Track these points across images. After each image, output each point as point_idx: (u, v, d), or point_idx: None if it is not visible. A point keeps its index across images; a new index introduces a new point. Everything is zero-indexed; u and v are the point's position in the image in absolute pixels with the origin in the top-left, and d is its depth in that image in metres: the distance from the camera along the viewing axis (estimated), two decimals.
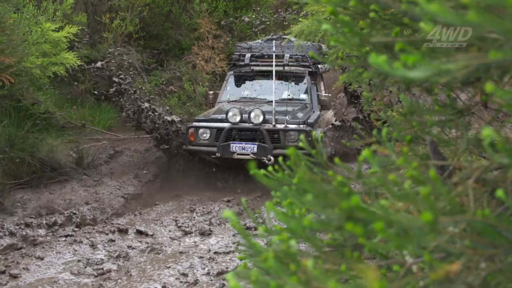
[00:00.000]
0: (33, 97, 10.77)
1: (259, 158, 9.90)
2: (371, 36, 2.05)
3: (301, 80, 12.07)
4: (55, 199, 9.59)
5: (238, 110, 10.38)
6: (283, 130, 10.20)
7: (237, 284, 1.57)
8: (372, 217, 1.25)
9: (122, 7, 14.32)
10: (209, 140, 10.54)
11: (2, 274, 6.39)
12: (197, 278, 5.99)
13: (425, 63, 1.43)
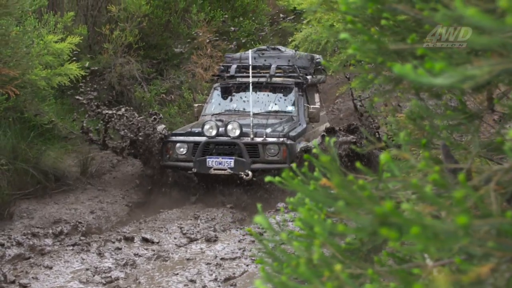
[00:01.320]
0: (37, 109, 10.76)
1: (237, 173, 9.56)
2: (389, 43, 2.05)
3: (289, 92, 11.57)
4: (60, 208, 9.58)
5: (214, 123, 9.97)
6: (261, 143, 9.77)
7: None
8: (406, 222, 1.26)
9: (121, 18, 14.32)
10: (186, 155, 10.13)
11: (12, 283, 6.38)
12: (205, 284, 5.99)
13: (450, 70, 1.44)
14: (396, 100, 4.83)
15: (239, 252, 6.80)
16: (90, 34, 14.17)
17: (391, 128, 3.23)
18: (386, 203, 1.24)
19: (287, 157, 9.62)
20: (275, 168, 9.53)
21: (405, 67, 1.44)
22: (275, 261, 2.46)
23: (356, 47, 1.94)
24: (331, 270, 1.40)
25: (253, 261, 6.57)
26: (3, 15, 7.73)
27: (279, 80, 11.58)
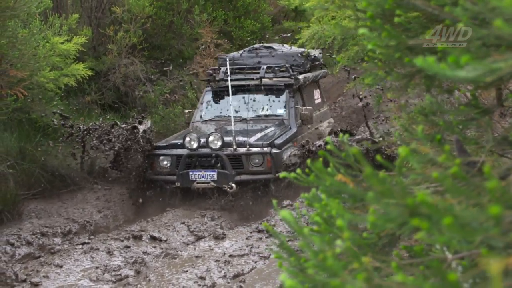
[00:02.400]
0: (43, 109, 10.77)
1: (220, 186, 9.14)
2: (408, 39, 2.05)
3: (279, 94, 10.97)
4: (68, 208, 9.58)
5: (194, 135, 9.49)
6: (245, 154, 9.31)
7: (294, 283, 1.57)
8: (438, 213, 1.26)
9: (125, 19, 14.33)
10: (170, 168, 9.72)
11: (24, 282, 6.39)
12: (215, 281, 6.00)
13: (476, 63, 1.43)
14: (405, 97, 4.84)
15: (247, 249, 6.81)
16: (94, 36, 14.16)
17: (402, 124, 3.22)
18: (418, 194, 1.23)
19: (272, 167, 9.20)
20: (260, 179, 9.25)
21: (428, 60, 1.44)
22: (291, 256, 2.47)
23: (375, 42, 1.94)
24: (360, 262, 1.39)
25: (261, 257, 6.57)
26: (10, 17, 7.72)
27: (270, 82, 10.96)
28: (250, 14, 16.26)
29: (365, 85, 4.58)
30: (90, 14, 14.66)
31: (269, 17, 17.32)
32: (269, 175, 9.17)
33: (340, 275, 1.48)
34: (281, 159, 9.40)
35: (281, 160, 9.40)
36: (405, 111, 3.10)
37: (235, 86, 10.63)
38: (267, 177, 9.18)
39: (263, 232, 7.34)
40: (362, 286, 1.42)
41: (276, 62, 11.44)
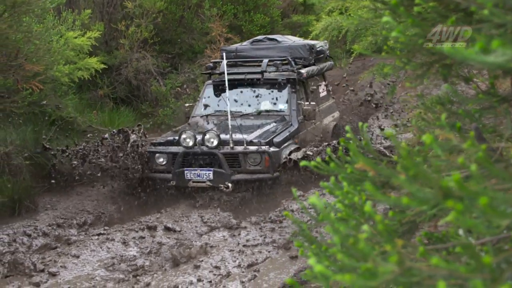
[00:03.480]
0: (58, 103, 10.80)
1: (216, 186, 8.81)
2: (432, 26, 2.04)
3: (281, 88, 10.50)
4: (83, 200, 9.62)
5: (191, 133, 9.15)
6: (242, 152, 8.93)
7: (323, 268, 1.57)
8: (472, 194, 1.25)
9: (136, 14, 14.34)
10: (166, 165, 9.40)
11: (42, 272, 6.42)
12: (229, 270, 6.01)
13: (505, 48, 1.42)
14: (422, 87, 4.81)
15: (260, 239, 6.82)
16: (106, 31, 14.18)
17: (419, 113, 3.22)
18: (453, 176, 1.23)
19: (270, 166, 8.85)
20: (258, 178, 8.91)
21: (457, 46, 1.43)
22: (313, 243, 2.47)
23: (399, 29, 1.93)
24: (394, 245, 1.39)
25: (274, 247, 6.58)
26: (25, 12, 7.73)
27: (271, 76, 10.51)
28: (260, 8, 16.24)
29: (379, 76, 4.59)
30: (102, 9, 14.69)
31: (279, 10, 17.29)
32: (267, 174, 8.88)
33: (372, 258, 1.48)
34: (280, 158, 9.08)
35: (280, 159, 9.07)
36: (422, 101, 3.09)
37: (236, 80, 10.43)
38: (265, 177, 8.88)
39: (276, 223, 7.35)
40: (394, 268, 1.41)
41: (279, 54, 10.97)
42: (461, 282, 1.49)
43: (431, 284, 1.54)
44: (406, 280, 1.52)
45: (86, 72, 10.72)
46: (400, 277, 1.50)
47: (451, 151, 2.22)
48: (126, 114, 14.09)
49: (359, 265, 1.53)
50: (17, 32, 8.02)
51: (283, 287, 5.48)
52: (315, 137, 10.68)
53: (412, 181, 1.38)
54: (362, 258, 1.56)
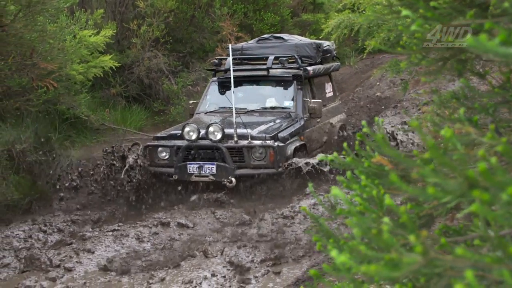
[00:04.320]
0: (71, 101, 10.84)
1: (219, 180, 8.57)
2: (452, 20, 2.03)
3: (287, 85, 10.27)
4: (96, 196, 9.64)
5: (194, 126, 8.90)
6: (246, 146, 8.66)
7: (346, 259, 1.56)
8: (499, 185, 1.24)
9: (148, 13, 14.38)
10: (168, 159, 9.12)
11: (57, 267, 6.44)
12: (243, 265, 6.00)
13: None
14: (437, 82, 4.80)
15: (272, 235, 6.81)
16: (118, 30, 14.21)
17: (432, 109, 3.21)
18: (479, 165, 1.22)
19: (275, 161, 8.58)
20: (262, 173, 8.66)
21: (480, 38, 1.42)
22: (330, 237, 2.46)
23: (419, 23, 1.92)
24: (418, 236, 1.38)
25: (287, 243, 6.57)
26: (40, 11, 7.75)
27: (277, 73, 10.27)
28: (270, 7, 16.24)
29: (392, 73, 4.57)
30: (114, 9, 14.73)
31: (289, 10, 17.28)
32: (271, 169, 8.63)
33: (396, 249, 1.47)
34: (285, 153, 8.85)
35: (285, 154, 8.84)
36: (437, 95, 3.08)
37: (241, 77, 10.16)
38: (269, 172, 8.64)
39: (288, 218, 7.34)
40: (419, 259, 1.41)
41: (285, 52, 10.69)
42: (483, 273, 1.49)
43: (452, 275, 1.54)
44: (428, 271, 1.52)
45: (100, 70, 10.75)
46: (423, 268, 1.50)
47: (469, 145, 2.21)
48: (138, 112, 14.14)
49: (383, 256, 1.53)
50: (32, 31, 8.04)
51: (296, 281, 5.48)
52: (321, 136, 10.51)
53: (437, 172, 1.37)
54: (385, 249, 1.55)
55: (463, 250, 1.26)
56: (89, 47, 10.34)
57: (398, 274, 1.43)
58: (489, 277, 1.47)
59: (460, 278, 1.53)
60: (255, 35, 15.00)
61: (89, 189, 9.25)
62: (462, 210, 2.37)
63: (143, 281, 5.84)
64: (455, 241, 2.11)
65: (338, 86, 17.75)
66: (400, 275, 1.44)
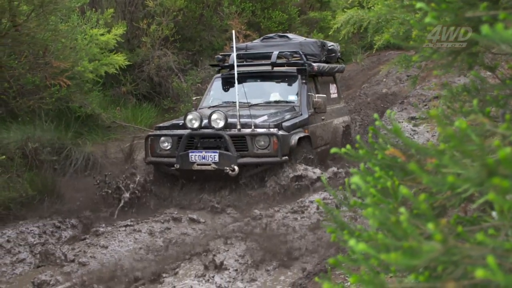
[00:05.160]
0: (83, 100, 10.87)
1: (222, 168, 8.37)
2: (465, 12, 2.02)
3: (291, 81, 10.12)
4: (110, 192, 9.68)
5: (197, 114, 8.78)
6: (249, 134, 8.48)
7: (366, 247, 1.56)
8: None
9: (157, 12, 14.40)
10: (170, 150, 8.91)
11: (72, 262, 6.46)
12: (254, 259, 6.01)
13: None
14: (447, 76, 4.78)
15: (283, 229, 6.81)
16: (128, 29, 14.24)
17: (444, 101, 3.20)
18: (501, 151, 1.21)
19: (279, 149, 8.36)
20: (266, 162, 8.49)
21: (496, 28, 1.41)
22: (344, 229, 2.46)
23: (434, 15, 1.91)
24: (437, 224, 1.38)
25: (297, 237, 6.57)
26: (52, 11, 7.77)
27: (282, 69, 10.13)
28: (278, 6, 16.23)
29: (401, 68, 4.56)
30: (124, 8, 14.76)
31: (296, 8, 17.26)
32: (275, 158, 8.42)
33: (415, 237, 1.47)
34: (289, 143, 8.67)
35: (289, 143, 8.66)
36: (448, 88, 3.07)
37: (245, 73, 9.90)
38: (272, 161, 8.45)
39: (298, 213, 7.33)
40: (438, 247, 1.41)
41: (290, 50, 10.46)
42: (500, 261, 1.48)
43: (469, 263, 1.53)
44: (446, 259, 1.51)
45: (112, 67, 10.77)
46: (441, 256, 1.49)
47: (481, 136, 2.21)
48: (148, 110, 14.17)
49: (401, 244, 1.52)
50: (44, 31, 8.06)
51: (307, 275, 5.47)
52: (326, 134, 10.37)
53: (457, 161, 1.37)
54: (404, 238, 1.55)
55: (483, 236, 1.25)
56: (100, 45, 10.35)
57: (417, 262, 1.43)
58: (505, 265, 1.47)
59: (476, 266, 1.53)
60: (263, 33, 15.00)
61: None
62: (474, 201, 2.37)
63: (156, 275, 5.85)
64: (470, 230, 2.10)
65: (345, 83, 17.77)
66: (419, 263, 1.44)
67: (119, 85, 14.09)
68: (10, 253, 6.89)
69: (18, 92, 8.61)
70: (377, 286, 1.62)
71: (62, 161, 9.99)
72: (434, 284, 1.62)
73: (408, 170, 2.55)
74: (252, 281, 5.59)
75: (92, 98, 11.40)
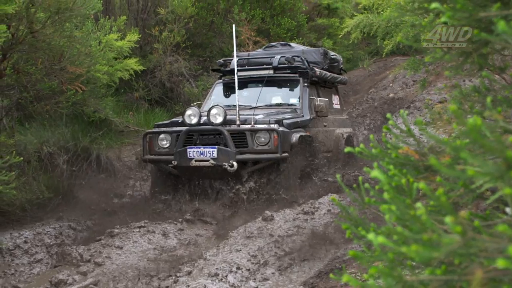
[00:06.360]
0: (97, 105, 10.91)
1: (220, 164, 8.10)
2: (480, 11, 2.02)
3: (294, 85, 9.89)
4: (120, 195, 9.74)
5: (196, 109, 8.52)
6: (249, 130, 8.23)
7: (385, 240, 1.56)
8: None
9: (169, 20, 14.44)
10: (169, 148, 8.67)
11: (88, 262, 6.48)
12: (266, 259, 6.01)
13: None
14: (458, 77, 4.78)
15: (294, 230, 6.81)
16: (141, 36, 14.29)
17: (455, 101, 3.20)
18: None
19: (279, 146, 8.10)
20: (265, 158, 8.23)
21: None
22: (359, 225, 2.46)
23: (449, 14, 1.91)
24: (456, 216, 1.38)
25: (308, 238, 6.56)
26: (68, 18, 7.81)
27: (283, 73, 9.95)
28: (287, 13, 16.24)
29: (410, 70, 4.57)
30: (137, 15, 14.81)
31: (305, 16, 17.27)
32: (275, 154, 8.14)
33: (434, 230, 1.47)
34: (290, 140, 8.41)
35: (290, 140, 8.41)
36: (459, 89, 3.07)
37: (247, 78, 9.83)
38: (272, 157, 8.16)
39: (309, 214, 7.33)
40: (458, 239, 1.41)
41: (292, 55, 10.17)
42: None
43: (486, 256, 1.53)
44: (464, 252, 1.51)
45: (126, 73, 10.81)
46: (458, 249, 1.49)
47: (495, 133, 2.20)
48: (160, 114, 14.20)
49: (420, 237, 1.52)
50: (60, 37, 8.10)
51: (318, 274, 5.46)
52: (327, 141, 10.15)
53: (476, 155, 1.37)
54: (422, 231, 1.55)
55: (505, 227, 1.25)
56: (115, 51, 10.40)
57: (438, 254, 1.43)
58: None
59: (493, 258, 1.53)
60: (272, 40, 15.02)
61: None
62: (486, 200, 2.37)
63: (171, 275, 5.86)
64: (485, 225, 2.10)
65: (353, 88, 17.78)
66: (439, 255, 1.44)
67: (132, 91, 14.14)
68: (28, 253, 6.94)
69: (35, 97, 8.66)
70: (395, 278, 1.62)
71: (78, 164, 10.03)
72: (451, 277, 1.62)
73: (421, 169, 2.56)
74: (264, 280, 5.59)
75: (106, 104, 11.42)
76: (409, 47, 15.87)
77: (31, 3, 7.64)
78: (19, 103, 8.95)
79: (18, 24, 7.70)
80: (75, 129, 10.57)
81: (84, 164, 10.23)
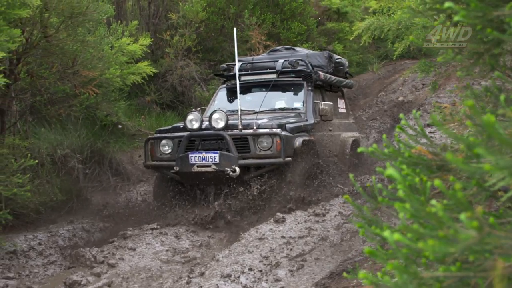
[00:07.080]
0: (109, 108, 10.96)
1: (222, 169, 7.91)
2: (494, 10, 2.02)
3: (298, 90, 9.72)
4: (132, 197, 9.77)
5: (197, 114, 8.33)
6: (252, 135, 8.04)
7: (401, 237, 1.56)
8: None
9: (180, 24, 14.47)
10: (171, 153, 8.45)
11: (102, 263, 6.50)
12: (278, 260, 6.00)
13: None
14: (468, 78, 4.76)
15: (305, 231, 6.80)
16: (152, 40, 14.33)
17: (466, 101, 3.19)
18: None
19: (282, 150, 7.93)
20: (268, 163, 8.04)
21: None
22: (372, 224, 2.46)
23: (464, 13, 1.91)
24: (472, 212, 1.38)
25: (319, 239, 6.56)
26: (81, 22, 7.86)
27: (287, 77, 9.79)
28: (297, 17, 16.23)
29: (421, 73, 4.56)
30: (148, 20, 14.86)
31: (315, 20, 17.25)
32: (277, 159, 7.96)
33: (451, 226, 1.47)
34: (293, 144, 8.23)
35: (293, 145, 8.23)
36: (470, 89, 3.06)
37: (250, 83, 9.77)
38: (275, 162, 7.98)
39: (320, 216, 7.32)
40: (474, 234, 1.40)
41: (296, 58, 10.02)
42: None
43: (501, 253, 1.53)
44: (479, 248, 1.51)
45: (138, 76, 10.86)
46: (474, 245, 1.49)
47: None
48: (172, 118, 14.22)
49: (437, 233, 1.52)
50: (73, 41, 8.15)
51: (330, 275, 5.46)
52: (332, 145, 9.91)
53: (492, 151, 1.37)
54: (439, 227, 1.55)
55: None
56: (127, 55, 10.44)
57: (454, 250, 1.43)
58: None
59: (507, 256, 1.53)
60: (283, 44, 15.00)
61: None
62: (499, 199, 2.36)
63: (184, 276, 5.86)
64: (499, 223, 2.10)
65: (362, 91, 17.77)
66: (456, 251, 1.44)
67: (144, 95, 14.18)
68: (42, 255, 6.98)
69: (48, 100, 8.71)
70: (411, 274, 1.62)
71: (91, 167, 10.08)
72: (467, 274, 1.62)
73: (433, 168, 2.56)
74: (276, 281, 5.58)
75: (119, 107, 11.47)
76: (419, 50, 15.86)
77: (45, 8, 7.70)
78: (33, 107, 9.01)
79: (32, 29, 7.75)
80: (88, 132, 10.60)
81: (97, 167, 10.27)
